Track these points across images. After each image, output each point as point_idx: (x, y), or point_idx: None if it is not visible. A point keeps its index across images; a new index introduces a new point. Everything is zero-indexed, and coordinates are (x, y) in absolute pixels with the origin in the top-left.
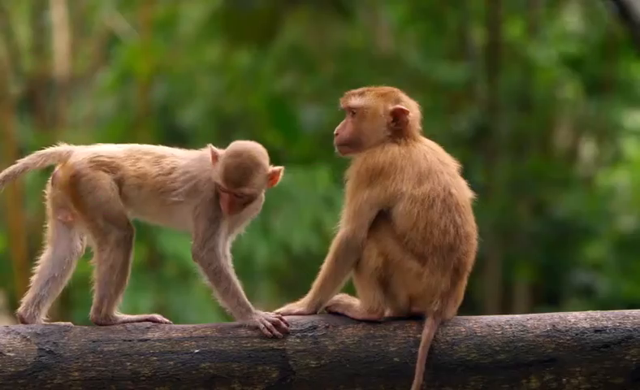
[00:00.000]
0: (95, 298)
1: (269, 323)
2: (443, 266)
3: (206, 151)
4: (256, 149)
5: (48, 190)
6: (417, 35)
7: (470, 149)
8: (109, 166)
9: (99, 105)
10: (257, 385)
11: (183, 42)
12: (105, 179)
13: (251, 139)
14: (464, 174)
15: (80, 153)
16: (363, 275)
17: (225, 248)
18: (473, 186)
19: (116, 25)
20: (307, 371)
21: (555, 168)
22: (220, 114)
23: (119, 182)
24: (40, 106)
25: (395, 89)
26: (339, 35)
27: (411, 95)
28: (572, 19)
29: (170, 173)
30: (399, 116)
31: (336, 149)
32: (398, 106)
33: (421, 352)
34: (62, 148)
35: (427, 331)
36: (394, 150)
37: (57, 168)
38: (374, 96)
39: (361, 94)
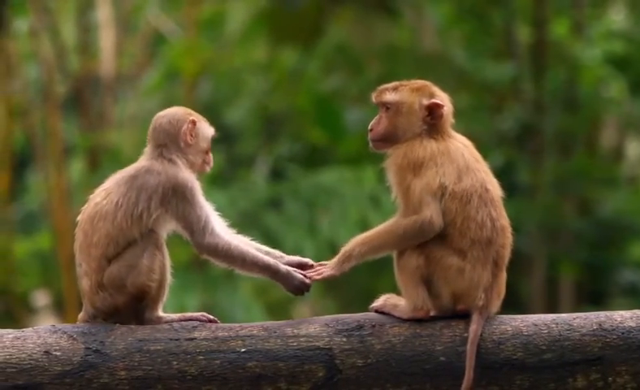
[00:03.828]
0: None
1: (297, 288)
2: (482, 260)
3: (144, 162)
4: None
5: None
6: (462, 34)
7: (516, 148)
8: None
9: (144, 104)
10: (304, 384)
11: (228, 41)
12: None
13: (296, 138)
14: (510, 172)
15: None
16: (405, 275)
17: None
18: (518, 185)
19: (161, 24)
20: (353, 370)
21: (601, 167)
22: (265, 113)
23: None
24: (85, 106)
25: (429, 83)
26: (385, 34)
27: (456, 94)
28: (617, 18)
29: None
30: (434, 110)
31: (370, 145)
32: (433, 100)
33: (470, 348)
34: None
35: (474, 327)
36: (432, 146)
37: None
38: (409, 90)
39: (395, 89)
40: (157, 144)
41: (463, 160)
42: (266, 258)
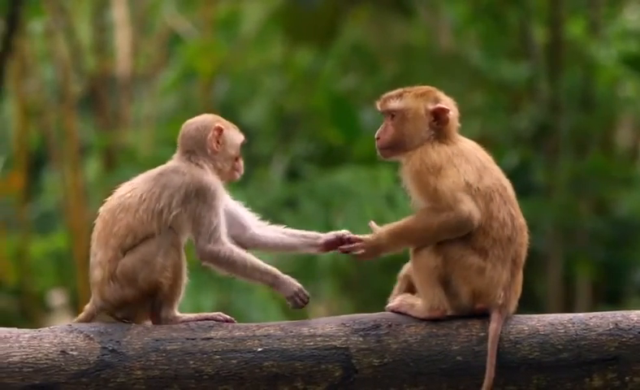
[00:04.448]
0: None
1: (296, 295)
2: (503, 259)
3: (172, 163)
4: None
5: None
6: (478, 33)
7: (531, 148)
8: None
9: (160, 104)
10: (320, 384)
11: (244, 41)
12: None
13: (312, 137)
14: (526, 172)
15: None
16: (423, 274)
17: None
18: (534, 185)
19: (177, 24)
20: (370, 370)
21: (617, 167)
22: (281, 112)
23: None
24: (101, 105)
25: (433, 88)
26: (401, 34)
27: (472, 94)
28: (633, 18)
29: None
30: (440, 115)
31: (378, 153)
32: (439, 105)
33: (491, 346)
34: None
35: (495, 325)
36: (445, 149)
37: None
38: (414, 97)
39: (400, 96)
40: (186, 150)
41: (478, 160)
42: (268, 266)
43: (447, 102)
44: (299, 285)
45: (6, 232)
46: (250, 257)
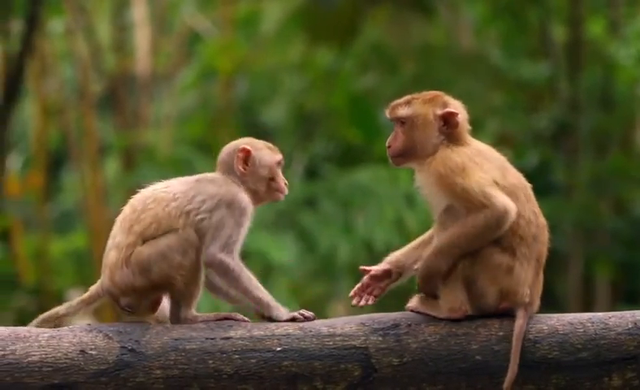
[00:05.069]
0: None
1: (294, 318)
2: (528, 257)
3: (210, 174)
4: None
5: None
6: (498, 33)
7: (551, 147)
8: None
9: (180, 103)
10: (340, 383)
11: (264, 40)
12: None
13: (332, 137)
14: (546, 172)
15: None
16: (447, 276)
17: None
18: (553, 184)
19: (197, 23)
20: (389, 369)
21: (637, 166)
22: (301, 112)
23: None
24: (121, 104)
25: (440, 93)
26: (420, 33)
27: (492, 93)
28: None
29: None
30: (449, 119)
31: (390, 161)
32: (447, 109)
33: (516, 343)
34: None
35: (521, 322)
36: (464, 150)
37: None
38: (422, 103)
39: (408, 103)
40: (222, 172)
41: (498, 159)
42: (267, 296)
43: (456, 106)
44: (294, 313)
45: (25, 232)
46: (254, 279)
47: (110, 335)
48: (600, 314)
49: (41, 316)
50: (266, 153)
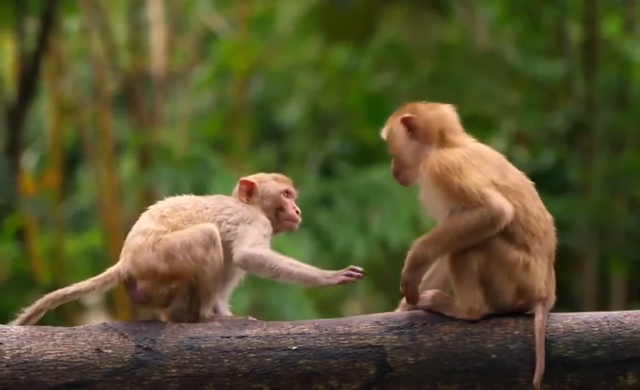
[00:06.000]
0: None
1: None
2: (542, 253)
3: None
4: None
5: None
6: (513, 31)
7: (566, 146)
8: None
9: (196, 102)
10: (355, 382)
11: (280, 39)
12: None
13: (347, 136)
14: (561, 170)
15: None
16: (464, 277)
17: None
18: (569, 183)
19: (212, 22)
20: (404, 368)
21: None
22: (317, 111)
23: None
24: (136, 103)
25: (414, 103)
26: (436, 32)
27: (507, 92)
28: None
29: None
30: (408, 124)
31: (398, 183)
32: (402, 115)
33: (539, 337)
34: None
35: (540, 316)
36: (458, 151)
37: None
38: (391, 119)
39: (386, 124)
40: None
41: (497, 159)
42: (309, 271)
43: (420, 109)
44: (343, 276)
45: (40, 230)
46: (291, 259)
47: (125, 333)
48: (615, 313)
49: (47, 296)
50: (271, 184)
